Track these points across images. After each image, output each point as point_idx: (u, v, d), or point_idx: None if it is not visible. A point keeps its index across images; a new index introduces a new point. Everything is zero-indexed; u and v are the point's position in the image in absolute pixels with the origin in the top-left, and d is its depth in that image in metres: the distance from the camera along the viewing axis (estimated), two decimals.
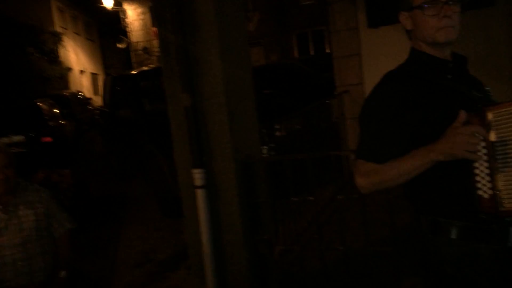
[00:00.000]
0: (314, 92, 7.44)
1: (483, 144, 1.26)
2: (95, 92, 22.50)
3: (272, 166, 3.22)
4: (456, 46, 1.48)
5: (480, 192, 1.30)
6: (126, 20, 19.73)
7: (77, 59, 21.39)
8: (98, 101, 17.84)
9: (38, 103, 9.78)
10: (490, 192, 1.28)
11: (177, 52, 2.68)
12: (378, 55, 5.41)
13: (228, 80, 2.75)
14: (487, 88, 1.52)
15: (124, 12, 19.57)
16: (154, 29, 19.82)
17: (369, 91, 1.45)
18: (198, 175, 2.79)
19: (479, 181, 1.30)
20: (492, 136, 1.26)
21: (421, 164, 1.33)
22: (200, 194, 2.81)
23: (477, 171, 1.30)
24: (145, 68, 8.91)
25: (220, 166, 2.82)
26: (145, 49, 19.90)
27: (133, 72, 8.09)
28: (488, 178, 1.28)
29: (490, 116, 1.26)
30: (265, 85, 7.11)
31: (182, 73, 2.69)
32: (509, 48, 4.46)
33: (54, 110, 10.46)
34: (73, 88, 18.60)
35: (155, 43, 19.83)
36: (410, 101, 1.38)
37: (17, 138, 8.71)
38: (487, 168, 1.28)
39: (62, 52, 18.79)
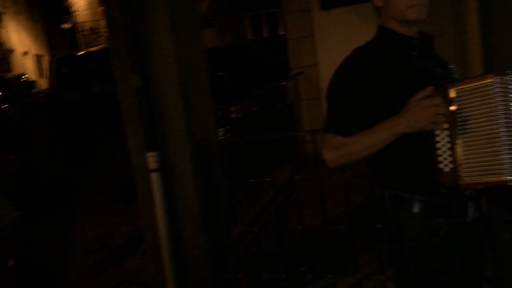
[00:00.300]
0: (268, 74, 7.43)
1: (445, 118, 1.30)
2: (41, 74, 21.47)
3: (229, 148, 3.19)
4: None
5: (441, 166, 1.34)
6: None
7: (20, 40, 20.27)
8: (44, 84, 17.06)
9: None
10: (451, 165, 1.32)
11: (125, 31, 2.57)
12: (331, 36, 5.46)
13: (180, 60, 2.67)
14: (451, 67, 1.55)
15: None
16: (101, 8, 19.04)
17: (323, 72, 1.45)
18: (152, 158, 2.72)
19: (440, 155, 1.33)
20: (454, 110, 1.30)
21: (387, 137, 1.36)
22: (154, 177, 2.75)
23: (438, 145, 1.33)
24: (92, 48, 8.58)
25: (175, 149, 2.76)
26: (92, 29, 19.16)
27: (79, 53, 7.78)
28: (449, 152, 1.32)
29: (452, 92, 1.30)
30: (220, 67, 7.03)
31: (131, 53, 2.58)
32: (455, 30, 4.60)
33: None
34: (16, 70, 17.66)
35: (103, 23, 19.09)
36: (377, 75, 1.41)
37: None
38: (448, 142, 1.31)
39: (3, 33, 17.75)
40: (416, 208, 1.42)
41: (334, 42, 5.44)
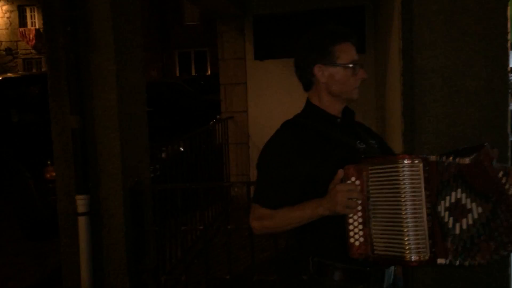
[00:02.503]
0: (196, 113, 7.50)
1: (359, 198, 1.38)
2: None
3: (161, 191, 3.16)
4: None
5: (352, 240, 1.41)
6: None
7: None
8: None
9: None
10: (361, 240, 1.39)
11: (68, 72, 2.51)
12: (262, 85, 5.72)
13: (123, 104, 2.66)
14: (372, 141, 1.64)
15: None
16: (22, 29, 18.18)
17: (252, 118, 1.46)
18: (81, 201, 2.63)
19: (351, 230, 1.41)
20: (367, 189, 1.38)
21: (310, 216, 1.44)
22: (82, 221, 2.65)
23: (350, 221, 1.41)
24: (11, 74, 8.12)
25: (107, 193, 2.69)
26: (8, 50, 18.16)
27: None
28: (360, 227, 1.39)
29: (366, 172, 1.38)
30: (147, 102, 6.96)
31: (72, 95, 2.52)
32: (376, 91, 5.04)
33: None
34: None
35: (22, 44, 18.17)
36: (303, 152, 1.48)
37: None
38: (360, 217, 1.39)
39: None
40: (337, 276, 1.49)
41: (265, 91, 5.70)
